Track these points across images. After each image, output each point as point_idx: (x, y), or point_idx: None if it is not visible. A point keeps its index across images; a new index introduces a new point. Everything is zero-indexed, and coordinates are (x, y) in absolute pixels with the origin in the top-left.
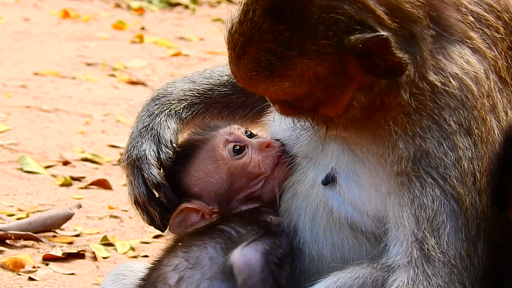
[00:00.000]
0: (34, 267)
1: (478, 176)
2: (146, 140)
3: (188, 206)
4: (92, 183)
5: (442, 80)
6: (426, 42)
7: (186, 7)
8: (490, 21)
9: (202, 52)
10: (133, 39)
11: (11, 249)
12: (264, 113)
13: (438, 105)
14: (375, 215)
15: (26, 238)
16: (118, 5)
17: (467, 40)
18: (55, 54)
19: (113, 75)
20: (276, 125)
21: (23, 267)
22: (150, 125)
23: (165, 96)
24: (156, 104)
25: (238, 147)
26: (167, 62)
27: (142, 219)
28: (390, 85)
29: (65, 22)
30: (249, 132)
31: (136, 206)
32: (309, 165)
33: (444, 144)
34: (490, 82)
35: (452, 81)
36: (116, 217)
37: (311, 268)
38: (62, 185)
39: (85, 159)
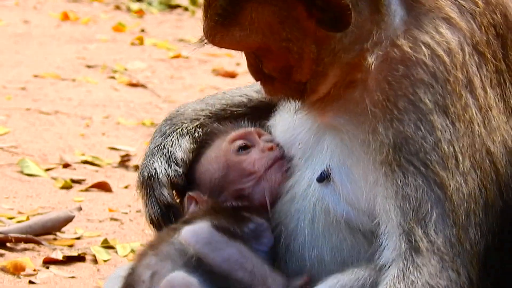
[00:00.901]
0: (34, 270)
1: (460, 158)
2: (158, 159)
3: (190, 194)
4: (93, 186)
5: (412, 46)
6: (390, 8)
7: (186, 9)
8: None
9: (201, 54)
10: (133, 41)
11: (11, 252)
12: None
13: (412, 81)
14: (368, 210)
15: (27, 241)
16: (117, 7)
17: (440, 11)
18: (55, 56)
19: (113, 77)
20: (276, 128)
21: (24, 270)
22: (162, 144)
23: (177, 117)
24: (168, 125)
25: (245, 145)
26: (167, 64)
27: None
28: (352, 43)
29: (64, 25)
30: (267, 137)
31: (151, 225)
32: (306, 165)
33: (422, 127)
34: (465, 55)
35: (423, 48)
36: (116, 219)
37: (311, 273)
38: (62, 187)
39: (85, 162)
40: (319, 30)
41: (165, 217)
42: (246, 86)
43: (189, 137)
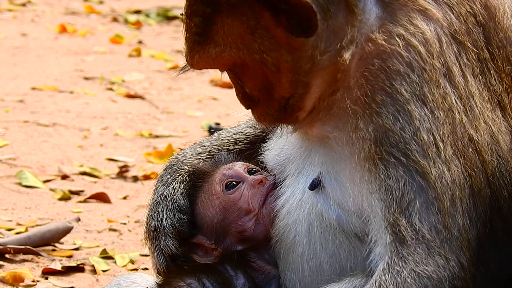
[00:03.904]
0: (33, 281)
1: (441, 146)
2: (163, 209)
3: (192, 241)
4: (91, 197)
5: (387, 38)
6: (366, 8)
7: None
8: None
9: None
10: (130, 53)
11: (10, 263)
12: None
13: (388, 74)
14: (359, 211)
15: (25, 252)
16: (115, 19)
17: (414, 4)
18: (53, 69)
19: (111, 89)
20: (270, 154)
21: (23, 281)
22: (164, 193)
23: (176, 164)
24: (169, 173)
25: (234, 182)
26: (164, 75)
27: None
28: (327, 45)
29: (62, 37)
30: (253, 169)
31: (158, 275)
32: (299, 178)
33: (400, 118)
34: (442, 44)
35: (397, 40)
36: (115, 230)
37: (310, 282)
38: (60, 199)
39: (84, 173)
40: (289, 37)
41: (170, 267)
42: (240, 124)
43: (190, 182)
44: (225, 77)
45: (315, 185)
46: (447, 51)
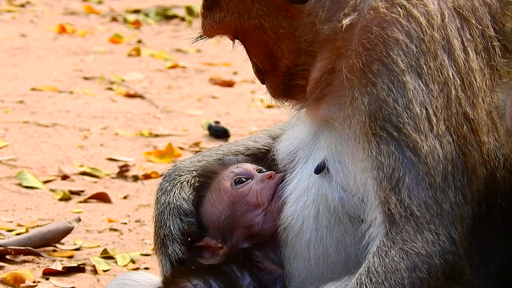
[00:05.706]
0: (34, 282)
1: (434, 120)
2: (168, 216)
3: (199, 244)
4: (91, 197)
5: (388, 6)
6: None
7: (183, 19)
8: None
9: (199, 63)
10: (130, 52)
11: (11, 264)
12: None
13: (386, 43)
14: (360, 193)
15: (26, 253)
16: (114, 19)
17: None
18: (53, 69)
19: (110, 89)
20: (281, 146)
21: (24, 282)
22: (167, 201)
23: (174, 171)
24: (168, 181)
25: (243, 179)
26: (164, 75)
27: None
28: (329, 14)
29: (61, 37)
30: (263, 170)
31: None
32: (307, 163)
33: (394, 89)
34: (444, 17)
35: (399, 9)
36: (115, 230)
37: (316, 271)
38: (61, 199)
39: (84, 173)
40: (286, 3)
41: (176, 268)
42: (243, 139)
43: (189, 187)
44: (225, 75)
45: (320, 169)
46: (449, 24)
